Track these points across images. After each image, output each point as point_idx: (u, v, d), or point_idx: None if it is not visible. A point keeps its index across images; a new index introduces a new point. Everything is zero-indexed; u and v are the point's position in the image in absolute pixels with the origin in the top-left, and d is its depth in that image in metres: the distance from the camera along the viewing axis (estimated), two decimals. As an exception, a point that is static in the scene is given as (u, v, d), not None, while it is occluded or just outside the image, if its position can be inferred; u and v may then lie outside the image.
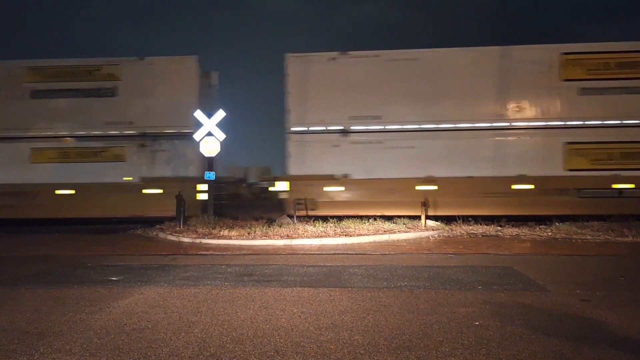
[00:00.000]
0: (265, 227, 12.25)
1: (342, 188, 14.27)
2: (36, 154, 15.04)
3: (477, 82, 14.22)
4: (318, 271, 7.48)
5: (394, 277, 6.92)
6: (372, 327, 4.57)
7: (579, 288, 6.16)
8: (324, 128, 14.57)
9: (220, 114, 13.47)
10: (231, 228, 12.21)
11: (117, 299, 5.77)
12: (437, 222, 13.35)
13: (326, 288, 6.24)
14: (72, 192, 14.76)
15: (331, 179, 14.31)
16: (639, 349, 3.98)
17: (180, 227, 12.86)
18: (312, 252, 9.71)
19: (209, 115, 13.50)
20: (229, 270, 7.70)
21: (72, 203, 14.69)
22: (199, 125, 13.62)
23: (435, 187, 13.97)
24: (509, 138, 14.24)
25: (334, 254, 9.48)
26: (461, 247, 10.24)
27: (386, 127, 14.36)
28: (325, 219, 13.18)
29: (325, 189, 14.31)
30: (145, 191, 14.75)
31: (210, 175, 13.36)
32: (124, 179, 14.86)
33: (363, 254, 9.37)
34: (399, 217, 13.60)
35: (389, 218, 13.49)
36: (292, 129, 14.61)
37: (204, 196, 14.23)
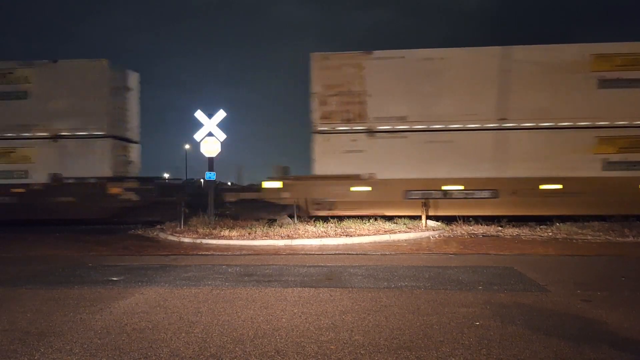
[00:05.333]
0: (265, 228, 12.25)
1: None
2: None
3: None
4: (319, 271, 7.48)
5: (395, 278, 6.92)
6: (372, 327, 4.57)
7: (580, 288, 6.16)
8: None
9: (221, 114, 13.47)
10: (232, 228, 12.20)
11: (118, 299, 5.78)
12: (437, 223, 13.33)
13: (327, 288, 6.24)
14: None
15: None
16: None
17: (180, 227, 12.86)
18: (313, 253, 9.71)
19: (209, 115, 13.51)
20: (229, 270, 7.70)
21: None
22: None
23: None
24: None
25: (335, 254, 9.48)
26: (462, 247, 10.23)
27: None
28: (325, 219, 13.17)
29: None
30: None
31: (211, 175, 13.38)
32: None
33: (363, 254, 9.37)
34: (399, 217, 13.56)
35: (389, 218, 13.45)
36: None
37: None
